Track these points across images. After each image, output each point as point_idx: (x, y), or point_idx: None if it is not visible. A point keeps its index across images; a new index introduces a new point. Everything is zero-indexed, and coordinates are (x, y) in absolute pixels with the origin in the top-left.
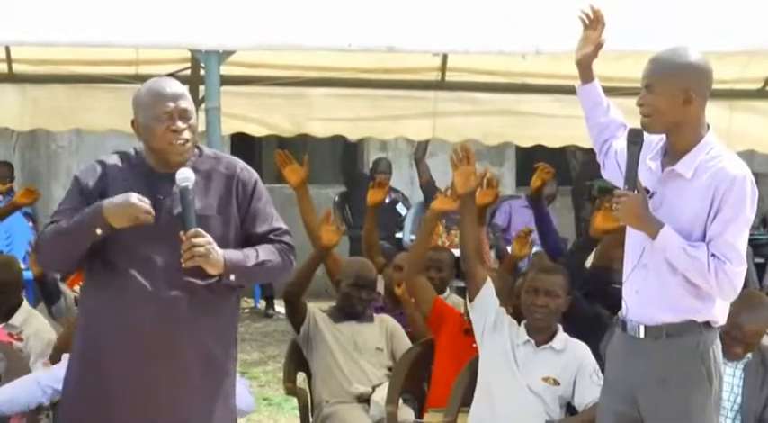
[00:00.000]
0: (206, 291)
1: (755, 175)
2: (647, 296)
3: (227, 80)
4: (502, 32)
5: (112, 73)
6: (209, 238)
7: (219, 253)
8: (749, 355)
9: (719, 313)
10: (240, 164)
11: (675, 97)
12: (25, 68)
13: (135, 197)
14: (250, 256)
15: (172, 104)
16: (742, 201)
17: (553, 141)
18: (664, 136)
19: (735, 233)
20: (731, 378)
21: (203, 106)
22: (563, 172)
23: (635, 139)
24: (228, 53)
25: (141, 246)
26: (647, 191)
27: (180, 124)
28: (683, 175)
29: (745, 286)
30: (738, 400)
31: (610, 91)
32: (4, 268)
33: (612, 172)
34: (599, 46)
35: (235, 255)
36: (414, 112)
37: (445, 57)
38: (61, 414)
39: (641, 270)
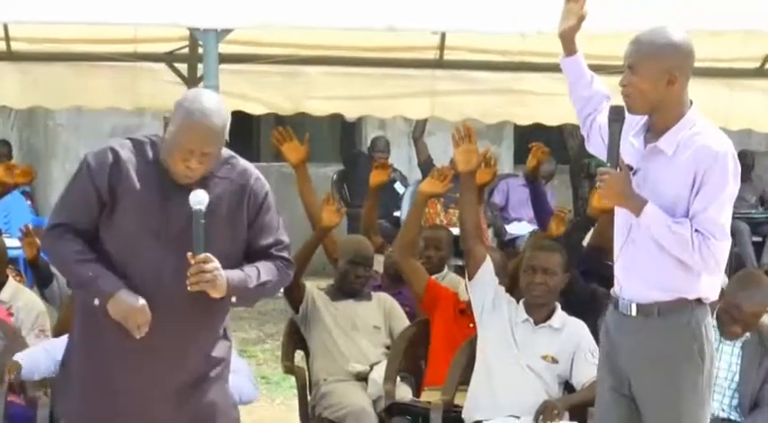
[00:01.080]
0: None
1: (753, 153)
2: (637, 274)
3: (226, 58)
4: (501, 12)
5: (111, 51)
6: (216, 263)
7: (224, 277)
8: (747, 334)
9: (710, 290)
10: (254, 174)
11: (659, 78)
12: (24, 47)
13: (140, 307)
14: (252, 276)
15: (197, 147)
16: (725, 176)
17: (551, 120)
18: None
19: (718, 208)
20: (729, 357)
21: (202, 84)
22: (561, 150)
23: (616, 117)
24: (227, 31)
25: (150, 251)
26: (631, 168)
27: (194, 164)
28: (664, 152)
29: (742, 265)
30: (736, 378)
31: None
32: None
33: (597, 146)
34: (581, 18)
35: (237, 276)
36: (412, 90)
37: (444, 35)
38: (65, 407)
39: (630, 247)
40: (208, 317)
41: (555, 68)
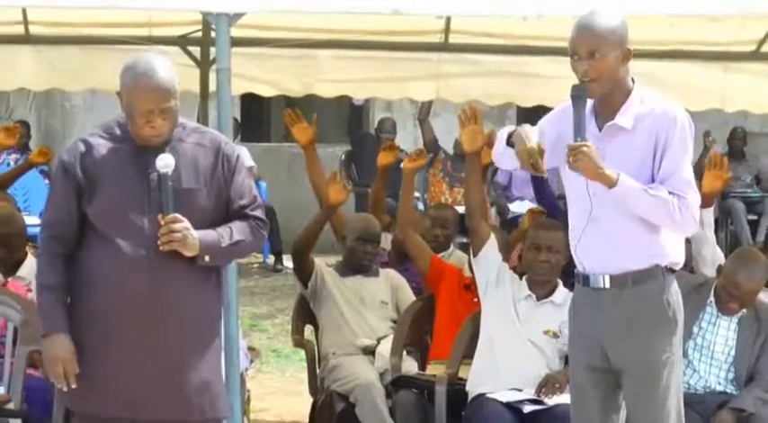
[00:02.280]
0: (191, 259)
1: (744, 130)
2: (606, 249)
3: (238, 42)
4: None
5: (126, 35)
6: (186, 223)
7: (195, 236)
8: (744, 310)
9: (680, 256)
10: (223, 138)
11: (617, 57)
12: (41, 30)
13: (64, 357)
14: (224, 236)
15: (154, 106)
16: (684, 137)
17: (553, 102)
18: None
19: (686, 167)
20: (726, 331)
21: (214, 67)
22: None
23: (579, 93)
24: (239, 15)
25: (132, 216)
26: None
27: (158, 122)
28: (624, 128)
29: (738, 243)
30: (732, 352)
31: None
32: (8, 222)
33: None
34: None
35: (210, 236)
36: (418, 73)
37: (449, 19)
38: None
39: (593, 227)
40: (193, 283)
41: (557, 52)
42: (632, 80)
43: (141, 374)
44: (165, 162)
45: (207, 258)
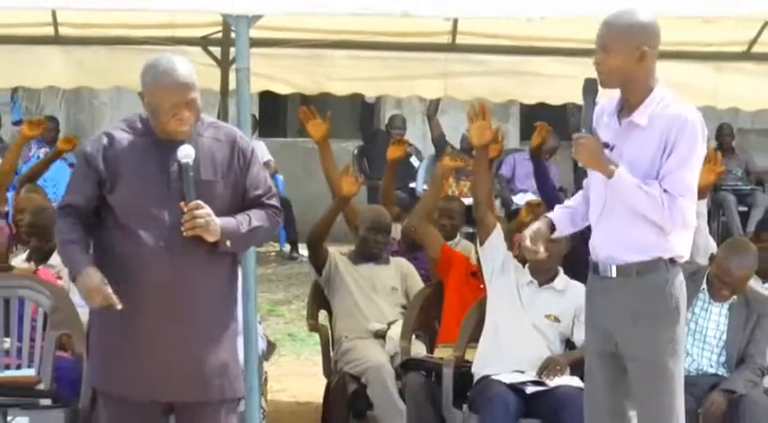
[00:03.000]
0: (210, 248)
1: (731, 126)
2: (615, 239)
3: (256, 42)
4: None
5: (150, 35)
6: (208, 209)
7: (217, 222)
8: (734, 297)
9: (683, 249)
10: (238, 132)
11: (630, 55)
12: (70, 31)
13: (95, 286)
14: (243, 222)
15: (178, 98)
16: (694, 140)
17: (554, 99)
18: (617, 97)
19: (687, 170)
20: (718, 317)
21: (234, 66)
22: (563, 127)
23: (590, 88)
24: (257, 17)
25: (153, 208)
26: (607, 145)
27: (186, 114)
28: (639, 125)
29: (729, 233)
30: (724, 337)
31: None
32: (41, 213)
33: None
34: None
35: (230, 222)
36: (426, 72)
37: (456, 21)
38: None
39: (606, 217)
40: (211, 272)
41: (558, 52)
42: (657, 80)
43: (162, 358)
44: (185, 153)
45: (228, 243)
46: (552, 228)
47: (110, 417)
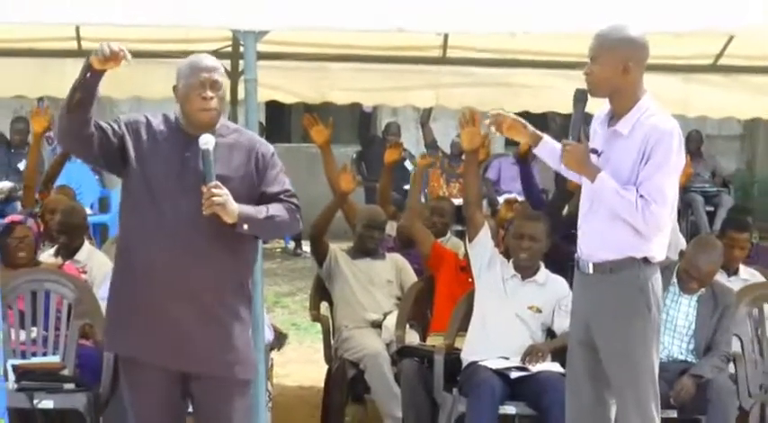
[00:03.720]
0: (224, 234)
1: (700, 132)
2: (595, 238)
3: (263, 56)
4: (495, 15)
5: (166, 49)
6: (226, 190)
7: (235, 205)
8: (702, 289)
9: (658, 250)
10: (260, 139)
11: (616, 67)
12: (92, 45)
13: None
14: (261, 210)
15: (206, 75)
16: (669, 150)
17: (536, 108)
18: (608, 106)
19: (662, 178)
20: (687, 308)
21: (242, 78)
22: (546, 132)
23: (580, 97)
24: (264, 33)
25: (170, 193)
26: (595, 150)
27: (209, 93)
28: (621, 134)
29: (697, 232)
30: (693, 326)
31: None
32: (71, 214)
33: None
34: (519, 124)
35: (248, 208)
36: (419, 83)
37: (446, 36)
38: (106, 324)
39: (591, 216)
40: (223, 252)
41: (540, 65)
42: (644, 92)
43: (172, 328)
44: (205, 140)
45: (246, 226)
46: (537, 142)
47: (129, 382)
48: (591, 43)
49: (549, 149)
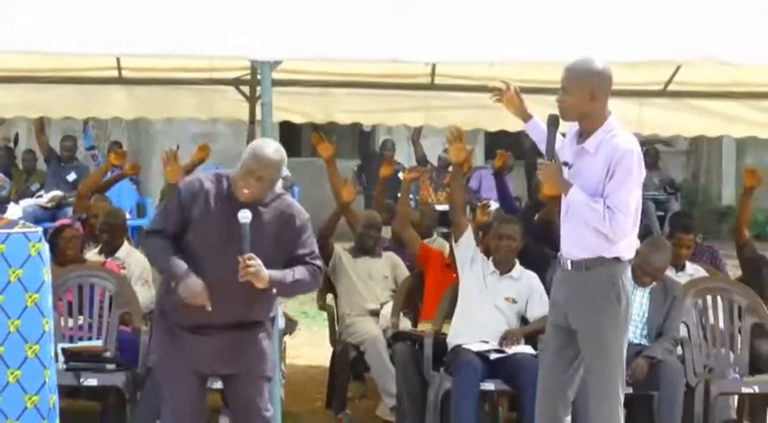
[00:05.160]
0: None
1: (656, 149)
2: (571, 239)
3: (277, 82)
4: (475, 48)
5: (193, 77)
6: (258, 261)
7: (266, 273)
8: (654, 283)
9: (626, 251)
10: (298, 206)
11: (584, 95)
12: (131, 74)
13: (200, 290)
14: (288, 275)
15: (255, 168)
16: (629, 167)
17: (511, 127)
18: (577, 124)
19: (625, 191)
20: (641, 299)
21: (260, 101)
22: (518, 148)
23: (553, 121)
24: (278, 62)
25: (219, 250)
26: (566, 163)
27: (250, 181)
28: (588, 151)
29: (649, 233)
30: (646, 315)
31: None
32: (114, 216)
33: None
34: (516, 97)
35: (278, 274)
36: (411, 105)
37: (434, 66)
38: (153, 338)
39: (566, 222)
40: (256, 302)
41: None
42: (609, 114)
43: (210, 347)
44: (243, 214)
45: (274, 291)
46: (527, 120)
47: (167, 382)
48: (562, 75)
49: (538, 130)
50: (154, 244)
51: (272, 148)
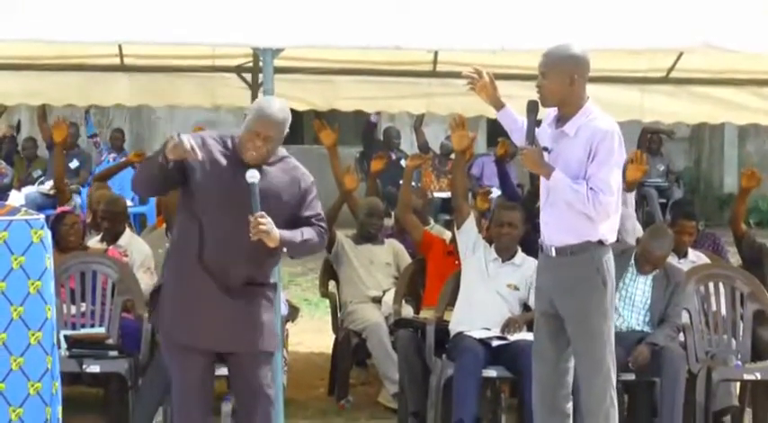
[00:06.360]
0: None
1: (660, 135)
2: (554, 225)
3: (279, 70)
4: (478, 35)
5: (196, 64)
6: (269, 220)
7: (277, 232)
8: (656, 270)
9: (609, 233)
10: (302, 169)
11: (563, 81)
12: (133, 61)
13: (185, 138)
14: (297, 235)
15: (260, 129)
16: (611, 148)
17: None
18: (556, 109)
19: (606, 172)
20: (644, 286)
21: (262, 88)
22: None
23: (532, 107)
24: (280, 50)
25: (221, 206)
26: (546, 148)
27: (257, 142)
28: (568, 135)
29: (652, 221)
30: (648, 301)
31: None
32: (114, 203)
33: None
34: (490, 85)
35: (287, 233)
36: (413, 93)
37: (436, 53)
38: (160, 315)
39: (548, 207)
40: (257, 254)
41: (516, 77)
42: (587, 99)
43: (221, 317)
44: (251, 174)
45: (285, 249)
46: (499, 108)
47: (177, 364)
48: (541, 61)
49: (510, 119)
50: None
51: (276, 106)
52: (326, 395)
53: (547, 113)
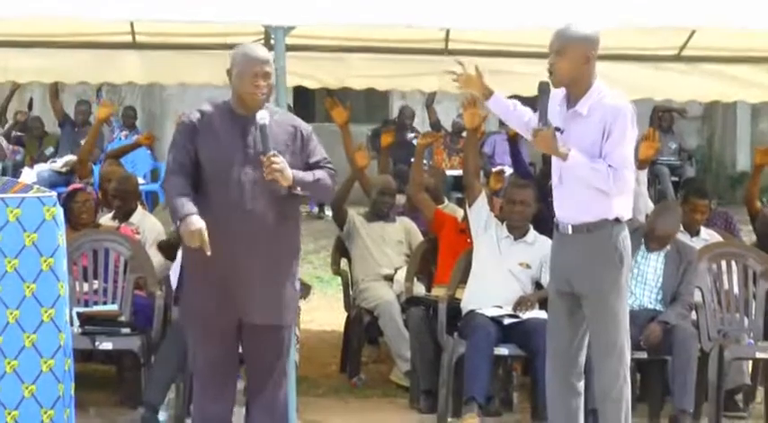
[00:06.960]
0: (280, 202)
1: (672, 114)
2: (569, 204)
3: (291, 47)
4: (490, 13)
5: (208, 42)
6: (282, 158)
7: (290, 171)
8: (668, 247)
9: (624, 210)
10: (299, 119)
11: (578, 60)
12: (145, 38)
13: (194, 230)
14: (309, 175)
15: (258, 68)
16: (625, 125)
17: (524, 92)
18: (564, 89)
19: (623, 147)
20: (655, 263)
21: (273, 66)
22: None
23: (544, 88)
24: (291, 28)
25: (233, 168)
26: (558, 129)
27: (261, 82)
28: (581, 114)
29: (664, 199)
30: (660, 279)
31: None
32: (126, 181)
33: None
34: (476, 78)
35: (300, 173)
36: (425, 70)
37: (448, 31)
38: (184, 290)
39: (561, 187)
40: (280, 217)
41: (529, 55)
42: (596, 77)
43: (243, 288)
44: (261, 115)
45: (299, 189)
46: (488, 97)
47: (197, 337)
48: (553, 39)
49: (502, 107)
50: (169, 185)
51: (256, 45)
52: (338, 373)
53: (553, 94)
